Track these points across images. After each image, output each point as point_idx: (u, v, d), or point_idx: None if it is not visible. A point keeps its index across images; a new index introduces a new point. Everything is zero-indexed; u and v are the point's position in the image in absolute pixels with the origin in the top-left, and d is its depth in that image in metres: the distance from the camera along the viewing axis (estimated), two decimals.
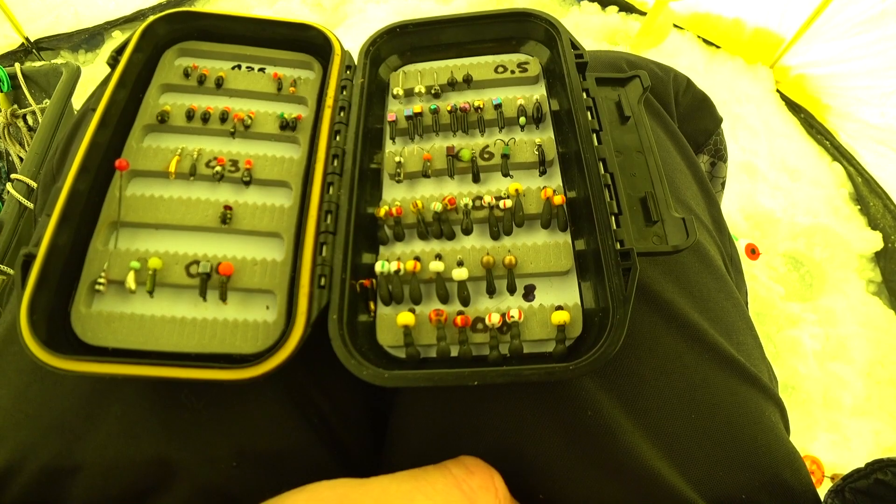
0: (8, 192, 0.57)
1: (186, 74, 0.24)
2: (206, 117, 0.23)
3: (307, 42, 0.25)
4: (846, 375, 0.78)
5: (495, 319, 0.18)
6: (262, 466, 0.19)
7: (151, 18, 0.23)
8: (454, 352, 0.18)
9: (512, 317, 0.18)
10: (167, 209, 0.21)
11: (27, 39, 1.13)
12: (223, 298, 0.19)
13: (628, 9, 1.22)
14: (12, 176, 0.57)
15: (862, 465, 0.18)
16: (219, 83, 0.24)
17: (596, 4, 1.30)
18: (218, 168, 0.21)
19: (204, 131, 0.23)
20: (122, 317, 0.19)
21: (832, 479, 0.74)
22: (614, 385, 0.19)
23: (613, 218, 0.18)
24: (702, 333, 0.20)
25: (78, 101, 0.80)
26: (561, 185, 0.21)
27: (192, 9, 0.24)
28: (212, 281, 0.19)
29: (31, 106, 0.69)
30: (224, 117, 0.23)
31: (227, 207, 0.21)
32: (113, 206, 0.20)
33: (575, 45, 0.22)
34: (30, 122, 0.71)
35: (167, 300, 0.19)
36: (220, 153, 0.22)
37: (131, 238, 0.20)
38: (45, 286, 0.18)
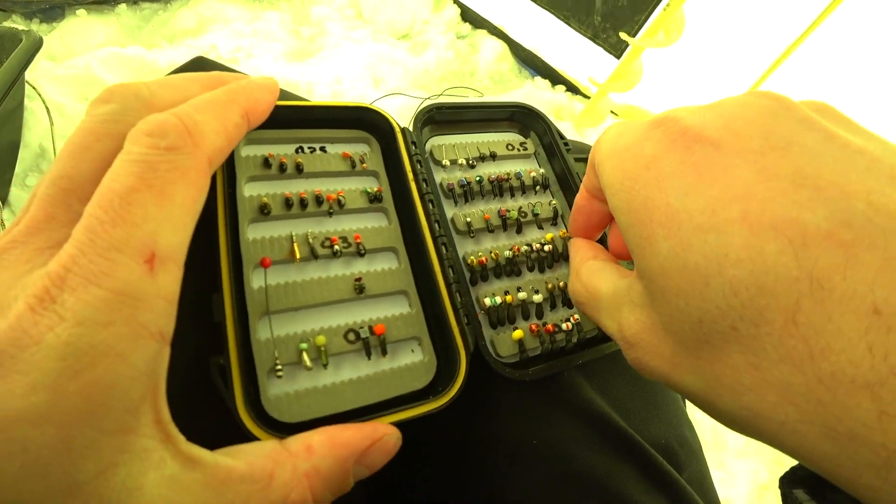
0: None
1: (268, 164, 0.25)
2: (304, 203, 0.25)
3: (364, 120, 0.29)
4: None
5: (570, 326, 0.28)
6: None
7: None
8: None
9: (577, 319, 0.28)
10: (304, 291, 0.24)
11: None
12: (384, 353, 0.24)
13: (574, 90, 1.49)
14: None
15: (745, 498, 0.25)
16: (299, 168, 0.26)
17: (547, 81, 1.50)
18: (336, 247, 0.25)
19: (303, 215, 0.25)
20: (307, 392, 0.22)
21: None
22: (585, 365, 0.29)
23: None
24: None
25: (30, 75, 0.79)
26: (566, 230, 0.32)
27: None
28: (370, 341, 0.24)
29: None
30: (319, 200, 0.26)
31: (358, 279, 0.25)
32: (255, 299, 0.22)
33: (561, 136, 0.33)
34: None
35: (334, 367, 0.23)
36: (326, 233, 0.25)
37: (280, 324, 0.23)
38: (241, 384, 0.20)
